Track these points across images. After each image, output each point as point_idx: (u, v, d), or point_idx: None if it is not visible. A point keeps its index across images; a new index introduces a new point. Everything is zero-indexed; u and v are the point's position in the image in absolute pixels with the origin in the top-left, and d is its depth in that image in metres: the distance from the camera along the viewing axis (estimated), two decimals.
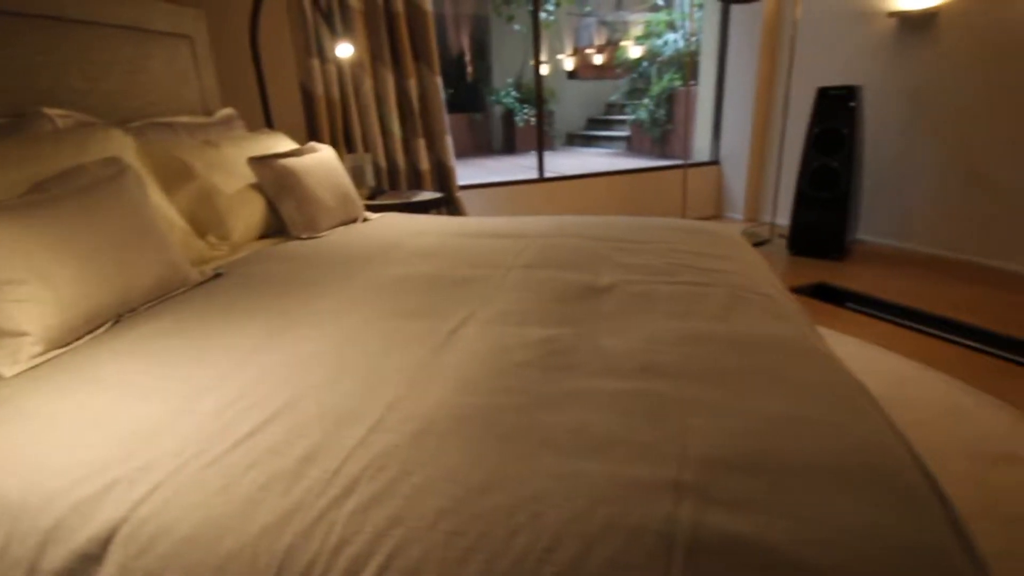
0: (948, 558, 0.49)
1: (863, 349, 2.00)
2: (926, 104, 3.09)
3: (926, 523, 0.52)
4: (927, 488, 0.58)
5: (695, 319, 0.89)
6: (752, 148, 4.14)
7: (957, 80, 2.93)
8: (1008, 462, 1.34)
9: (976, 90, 2.87)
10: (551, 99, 8.14)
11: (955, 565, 0.48)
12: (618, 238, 1.38)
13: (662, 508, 0.50)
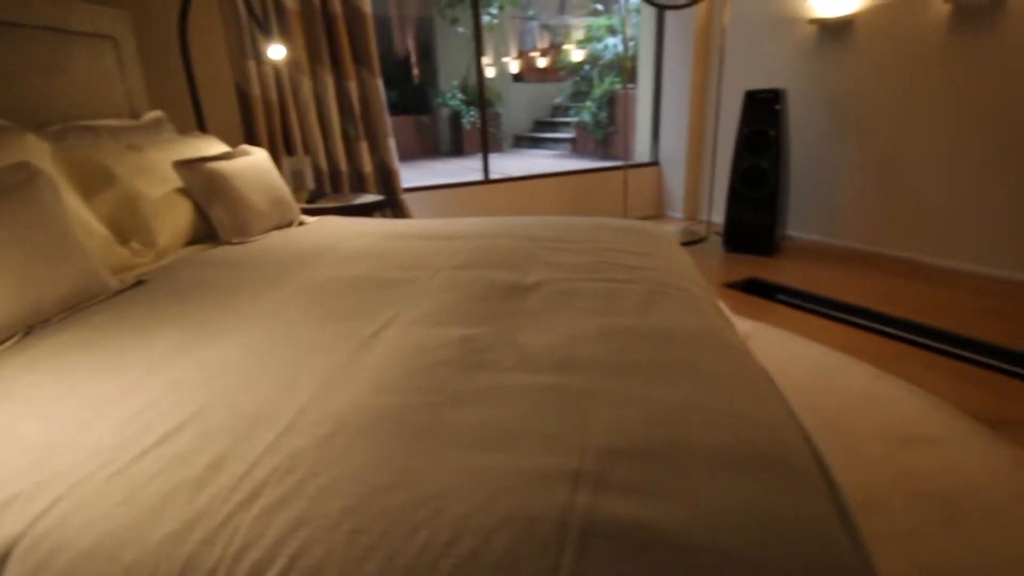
0: (828, 534, 0.52)
1: (790, 340, 2.11)
2: (845, 106, 3.28)
3: (810, 502, 0.55)
4: (816, 470, 0.62)
5: (614, 315, 0.93)
6: (689, 149, 4.29)
7: (872, 83, 3.13)
8: (918, 443, 1.45)
9: (889, 92, 3.07)
10: (497, 101, 8.20)
11: (834, 540, 0.52)
12: (551, 238, 1.41)
13: (559, 497, 0.52)
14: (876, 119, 3.14)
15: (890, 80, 3.04)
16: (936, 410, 1.60)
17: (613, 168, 4.32)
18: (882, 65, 3.06)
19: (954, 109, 2.81)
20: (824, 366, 1.88)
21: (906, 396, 1.68)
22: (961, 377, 1.83)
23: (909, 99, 2.98)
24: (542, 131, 8.44)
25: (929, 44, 2.85)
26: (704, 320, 0.92)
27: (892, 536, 1.14)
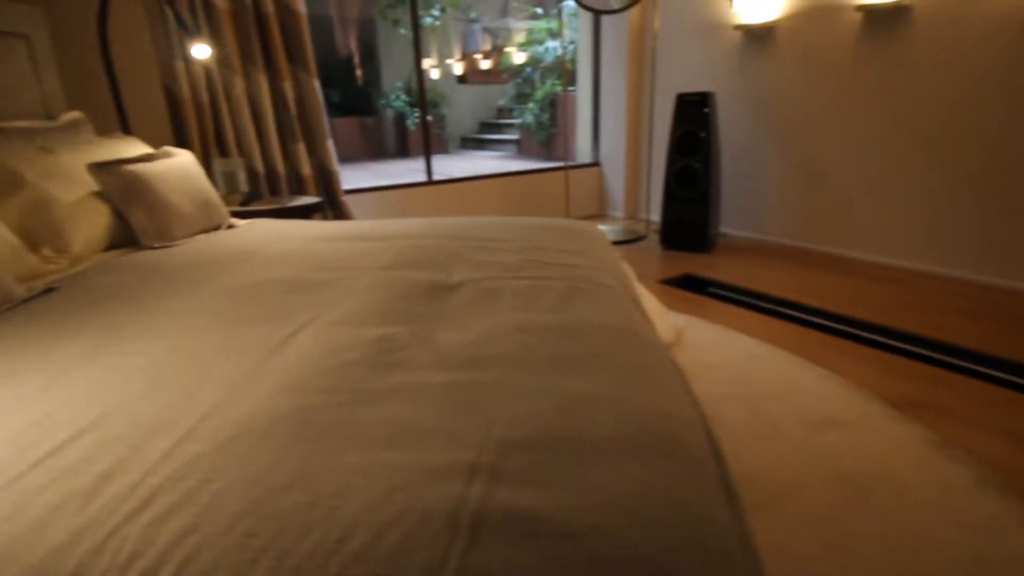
0: (711, 514, 0.55)
1: (721, 333, 2.20)
2: (770, 108, 3.44)
3: (698, 486, 0.58)
4: (709, 455, 0.65)
5: (533, 311, 0.95)
6: (627, 150, 4.40)
7: (794, 86, 3.30)
8: (834, 427, 1.54)
9: (810, 95, 3.24)
10: (442, 103, 8.17)
11: (717, 520, 0.54)
12: (480, 237, 1.42)
13: (453, 490, 0.54)
14: (799, 120, 3.31)
15: (810, 83, 3.21)
16: (852, 395, 1.70)
17: (554, 169, 4.38)
18: (802, 69, 3.23)
19: (869, 110, 3.00)
20: (752, 356, 1.97)
21: (825, 383, 1.78)
22: (876, 363, 1.95)
23: (828, 101, 3.15)
24: (488, 132, 8.48)
25: (844, 49, 3.03)
26: (620, 315, 0.95)
27: (808, 517, 1.20)
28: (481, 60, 8.02)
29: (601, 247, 1.45)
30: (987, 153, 2.61)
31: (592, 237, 1.52)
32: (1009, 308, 2.39)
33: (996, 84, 2.53)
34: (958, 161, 2.71)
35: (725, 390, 1.74)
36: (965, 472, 1.33)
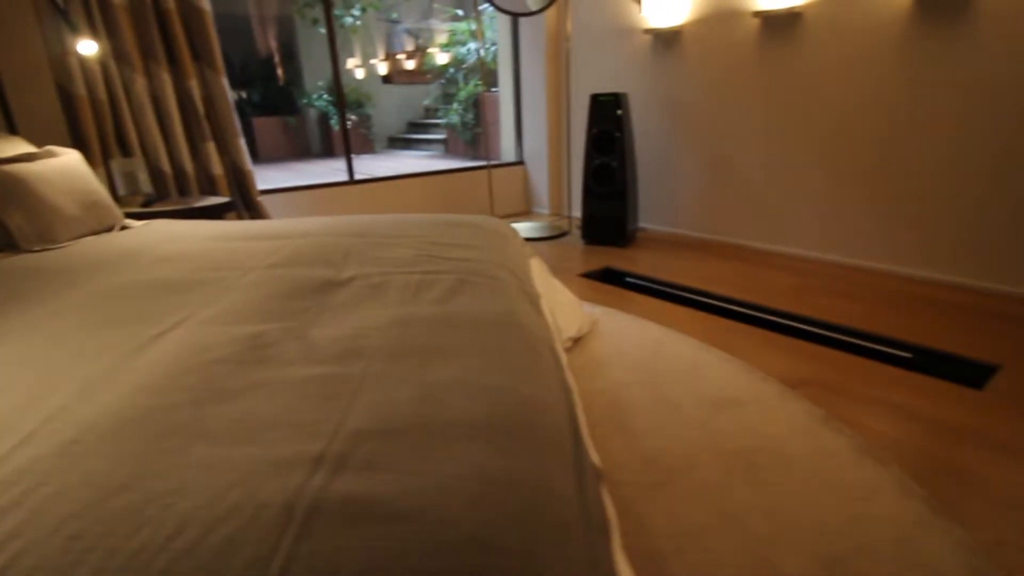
0: (553, 492, 0.56)
1: (633, 322, 2.27)
2: (678, 108, 3.60)
3: (545, 465, 0.59)
4: (567, 435, 0.67)
5: (417, 304, 0.95)
6: (549, 149, 4.48)
7: (700, 87, 3.47)
8: (730, 406, 1.63)
9: (714, 96, 3.42)
10: (367, 103, 8.02)
11: (559, 497, 0.56)
12: (382, 234, 1.41)
13: (293, 482, 0.54)
14: (706, 120, 3.49)
15: (715, 85, 3.38)
16: (749, 376, 1.81)
17: (478, 168, 4.40)
18: (707, 71, 3.40)
19: (768, 110, 3.20)
20: (659, 342, 2.05)
21: (725, 365, 1.88)
22: (772, 345, 2.08)
23: (731, 101, 3.34)
24: (415, 132, 8.40)
25: (744, 52, 3.21)
26: (504, 305, 0.96)
27: (702, 490, 1.27)
28: (405, 61, 7.93)
29: (500, 241, 1.46)
30: (872, 148, 2.84)
31: (492, 232, 1.54)
32: (889, 290, 2.61)
33: (880, 83, 2.76)
34: (846, 156, 2.93)
35: (633, 375, 1.81)
36: (846, 442, 1.45)
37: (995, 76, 2.40)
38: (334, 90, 7.78)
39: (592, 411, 1.60)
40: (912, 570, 1.03)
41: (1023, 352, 1.95)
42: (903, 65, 2.65)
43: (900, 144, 2.73)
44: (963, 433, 1.51)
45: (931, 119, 2.61)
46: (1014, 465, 1.37)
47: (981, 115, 2.47)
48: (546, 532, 0.51)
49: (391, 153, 8.15)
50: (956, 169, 2.58)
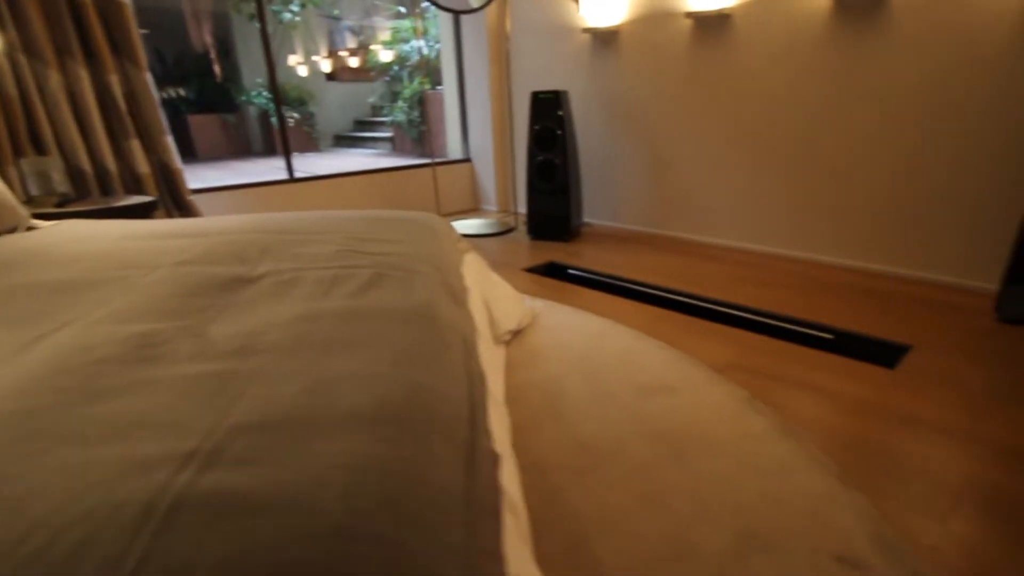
0: (430, 477, 0.56)
1: (573, 314, 2.30)
2: (619, 106, 3.67)
3: (427, 452, 0.59)
4: (463, 424, 0.67)
5: (327, 299, 0.93)
6: (495, 146, 4.48)
7: (638, 85, 3.54)
8: (661, 392, 1.67)
9: (651, 93, 3.50)
10: (310, 100, 7.83)
11: (436, 483, 0.56)
12: (306, 231, 1.38)
13: (157, 480, 0.52)
14: (645, 117, 3.57)
15: (652, 82, 3.46)
16: (680, 362, 1.86)
17: (423, 165, 4.37)
18: (645, 70, 3.48)
19: (702, 107, 3.29)
20: (597, 334, 2.08)
21: (658, 353, 1.92)
22: (704, 333, 2.15)
23: (668, 99, 3.42)
24: (362, 130, 8.26)
25: (679, 51, 3.30)
26: (419, 298, 0.96)
27: (628, 474, 1.30)
28: (349, 58, 7.78)
29: (428, 236, 1.45)
30: (795, 143, 2.97)
31: (422, 227, 1.52)
32: (813, 278, 2.73)
33: (801, 82, 2.89)
34: (772, 151, 3.06)
35: (570, 366, 1.83)
36: (766, 423, 1.51)
37: (906, 74, 2.55)
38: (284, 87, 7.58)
39: (528, 402, 1.61)
40: (820, 540, 1.08)
41: (932, 333, 2.08)
42: (823, 64, 2.78)
43: (820, 139, 2.87)
44: (875, 409, 1.60)
45: (848, 115, 2.75)
46: (920, 437, 1.46)
47: (893, 111, 2.61)
48: (420, 518, 0.51)
49: (337, 152, 7.98)
50: (873, 163, 2.73)
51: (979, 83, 2.37)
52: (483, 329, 1.61)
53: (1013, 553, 1.08)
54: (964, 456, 1.38)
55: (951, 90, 2.44)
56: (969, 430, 1.49)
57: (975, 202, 2.46)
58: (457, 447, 0.61)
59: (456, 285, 1.18)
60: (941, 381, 1.74)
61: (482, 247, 3.53)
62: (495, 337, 1.92)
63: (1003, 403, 1.60)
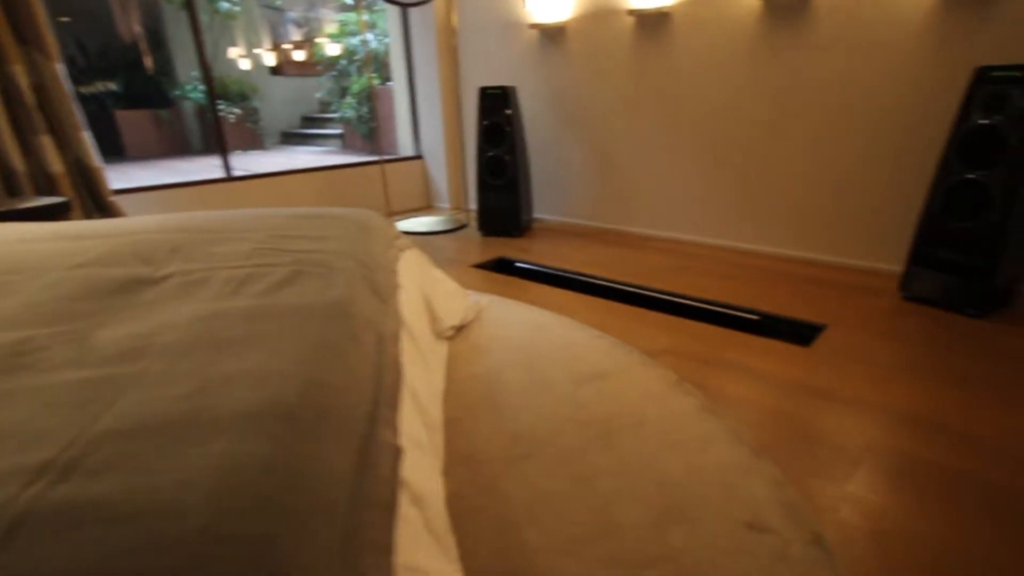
0: (312, 474, 0.56)
1: (518, 308, 2.35)
2: (566, 102, 3.73)
3: (314, 449, 0.58)
4: (362, 419, 0.67)
5: (236, 298, 0.92)
6: (446, 142, 4.49)
7: (583, 81, 3.62)
8: (596, 379, 1.74)
9: (596, 89, 3.58)
10: (253, 95, 7.60)
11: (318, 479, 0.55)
12: (228, 229, 1.35)
13: (2, 495, 0.50)
14: (591, 113, 3.64)
15: (597, 78, 3.54)
16: (617, 350, 1.93)
17: (372, 163, 4.33)
18: (590, 66, 3.55)
19: (647, 103, 3.39)
20: (539, 326, 2.14)
21: (596, 342, 1.99)
22: (641, 321, 2.24)
23: (613, 95, 3.50)
24: (311, 127, 8.07)
25: (623, 48, 3.38)
26: (335, 295, 0.96)
27: (561, 459, 1.35)
28: (293, 51, 7.56)
29: (359, 232, 1.45)
30: (732, 137, 3.10)
31: (353, 224, 1.52)
32: (747, 266, 2.87)
33: (737, 79, 3.01)
34: (712, 146, 3.18)
35: (511, 358, 1.88)
36: (692, 402, 1.59)
37: (823, 71, 2.70)
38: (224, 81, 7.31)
39: (468, 395, 1.65)
40: (733, 509, 1.16)
41: (844, 312, 2.23)
42: (752, 62, 2.91)
43: (748, 135, 3.01)
44: (791, 385, 1.71)
45: (772, 111, 2.89)
46: (829, 408, 1.58)
47: (812, 106, 2.76)
48: (298, 515, 0.51)
49: (284, 149, 7.77)
50: (793, 156, 2.88)
51: (886, 79, 2.53)
52: (422, 325, 1.64)
53: (906, 508, 1.19)
54: (867, 424, 1.50)
55: (861, 86, 2.60)
56: (872, 400, 1.61)
57: (883, 191, 2.64)
58: (350, 443, 0.61)
59: (383, 281, 1.20)
60: (850, 356, 1.88)
61: (433, 245, 3.55)
62: (437, 333, 1.96)
63: (904, 374, 1.75)
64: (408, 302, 1.48)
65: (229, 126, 7.23)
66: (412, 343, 1.22)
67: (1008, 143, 2.03)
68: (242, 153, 7.18)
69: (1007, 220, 2.06)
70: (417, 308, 1.65)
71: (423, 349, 1.37)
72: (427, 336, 1.66)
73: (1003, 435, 1.44)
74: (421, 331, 1.50)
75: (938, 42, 2.40)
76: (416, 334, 1.32)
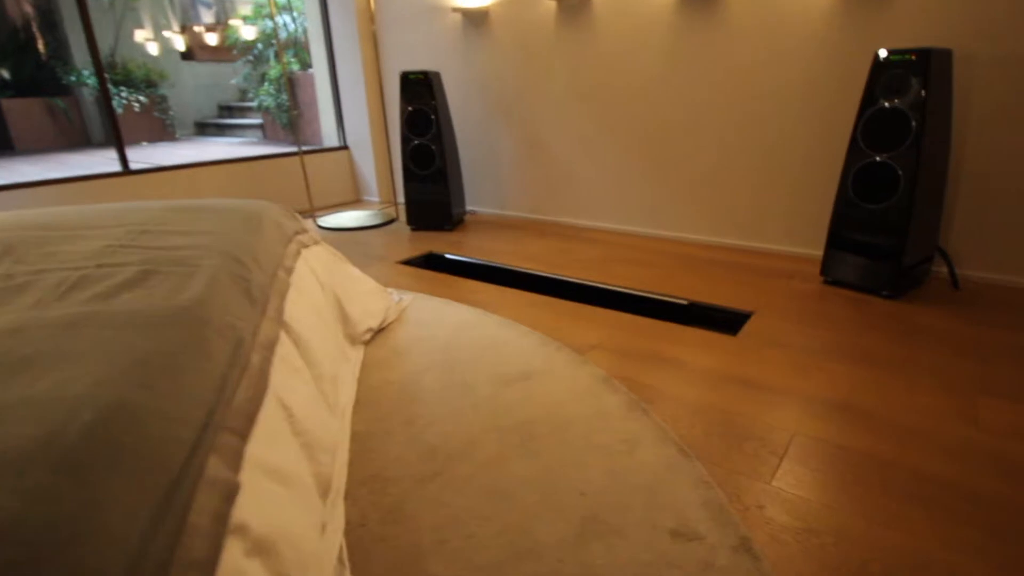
0: (118, 533, 0.46)
1: (442, 305, 2.23)
2: (494, 88, 3.61)
3: (110, 499, 0.48)
4: (178, 452, 0.55)
5: (57, 305, 0.76)
6: (373, 132, 4.28)
7: (509, 68, 3.50)
8: (521, 379, 1.64)
9: (522, 77, 3.47)
10: (162, 82, 7.02)
11: (121, 545, 0.46)
12: (85, 225, 1.16)
13: None
14: (519, 101, 3.54)
15: (522, 65, 3.43)
16: (545, 347, 1.85)
17: (291, 154, 4.06)
18: (514, 52, 3.44)
19: (571, 91, 3.31)
20: (463, 324, 2.03)
21: (524, 339, 1.90)
22: (575, 315, 2.16)
23: (539, 83, 3.41)
24: (230, 116, 7.56)
25: (546, 34, 3.29)
26: (187, 297, 0.82)
27: (475, 472, 1.24)
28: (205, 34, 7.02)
29: (244, 227, 1.28)
30: (653, 127, 3.07)
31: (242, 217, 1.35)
32: (678, 255, 2.86)
33: (659, 63, 2.98)
34: (636, 135, 3.14)
35: (431, 360, 1.76)
36: (619, 399, 1.52)
37: (744, 56, 2.70)
38: (123, 67, 6.71)
39: (381, 405, 1.51)
40: (657, 515, 1.09)
41: (769, 298, 2.24)
42: (675, 47, 2.89)
43: (672, 122, 2.99)
44: (718, 376, 1.68)
45: (694, 100, 2.88)
46: (757, 399, 1.55)
47: (741, 91, 2.77)
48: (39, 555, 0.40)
49: (199, 140, 7.23)
50: (715, 144, 2.88)
51: (798, 63, 2.56)
52: (325, 330, 1.49)
53: (833, 502, 1.16)
54: (792, 414, 1.47)
55: (775, 69, 2.63)
56: (797, 389, 1.59)
57: (802, 176, 2.68)
58: (152, 485, 0.50)
59: (260, 281, 1.04)
60: (775, 343, 1.87)
61: (359, 241, 3.36)
62: (351, 337, 1.81)
63: (826, 360, 1.75)
64: (305, 304, 1.33)
65: (133, 116, 6.66)
66: (298, 351, 1.08)
67: (911, 125, 2.08)
68: (149, 145, 6.63)
69: (912, 201, 2.11)
70: (319, 311, 1.50)
71: (319, 358, 1.22)
72: (332, 342, 1.51)
73: (927, 420, 1.45)
74: (322, 337, 1.35)
75: (845, 25, 2.44)
76: (309, 340, 1.17)
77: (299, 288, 1.30)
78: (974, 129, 2.30)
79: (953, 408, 1.49)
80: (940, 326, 1.98)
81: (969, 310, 2.11)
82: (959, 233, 2.43)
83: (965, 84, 2.27)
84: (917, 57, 2.07)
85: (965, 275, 2.42)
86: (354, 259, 2.93)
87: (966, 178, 2.37)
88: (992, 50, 2.20)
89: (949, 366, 1.71)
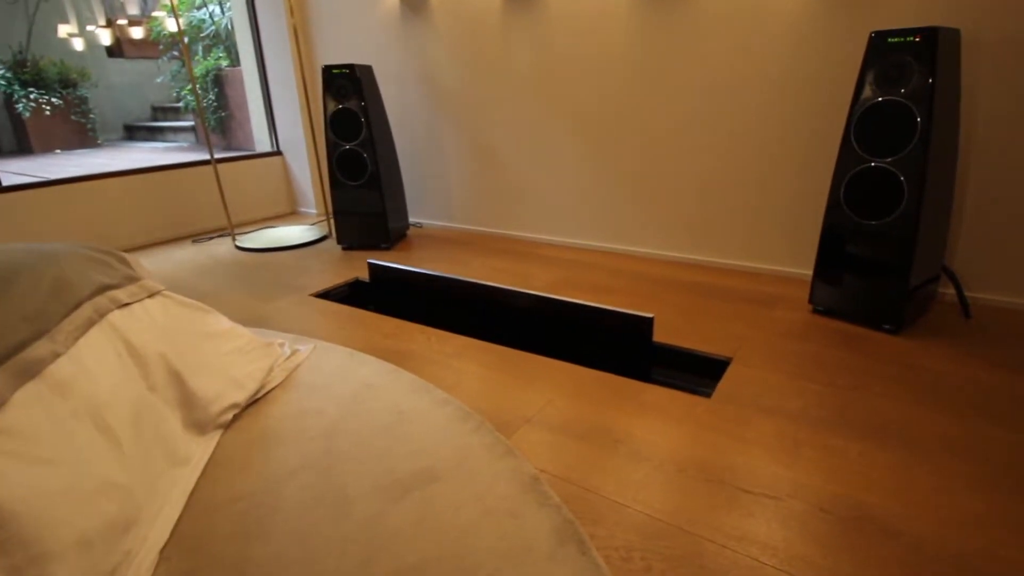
0: None
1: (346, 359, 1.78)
2: (436, 86, 3.17)
3: None
4: None
5: None
6: (307, 135, 3.82)
7: (452, 62, 3.06)
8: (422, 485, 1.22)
9: (468, 76, 3.03)
10: (83, 81, 6.36)
11: None
12: None
13: None
14: (464, 99, 3.10)
15: (467, 59, 3.00)
16: (462, 424, 1.42)
17: (204, 163, 3.55)
18: (458, 46, 3.01)
19: (523, 94, 2.88)
20: (366, 388, 1.59)
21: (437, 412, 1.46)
22: (512, 363, 1.73)
23: (486, 82, 2.97)
24: (163, 119, 6.95)
25: (492, 29, 2.86)
26: None
27: None
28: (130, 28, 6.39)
29: None
30: (625, 128, 2.65)
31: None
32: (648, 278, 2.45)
33: (624, 58, 2.56)
34: (594, 140, 2.73)
35: (307, 452, 1.31)
36: (549, 524, 1.10)
37: (719, 48, 2.30)
38: (34, 66, 6.02)
39: (207, 546, 1.02)
40: None
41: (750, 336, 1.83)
42: (642, 40, 2.48)
43: (648, 123, 2.58)
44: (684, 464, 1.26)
45: (674, 99, 2.47)
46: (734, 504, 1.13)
47: (719, 94, 2.37)
48: None
49: (126, 145, 6.61)
50: (689, 153, 2.48)
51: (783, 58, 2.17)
52: (148, 426, 1.05)
53: None
54: (779, 531, 1.07)
55: (756, 69, 2.23)
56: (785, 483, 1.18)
57: (792, 186, 2.29)
58: None
59: None
60: (757, 407, 1.44)
61: (278, 264, 2.89)
62: (198, 424, 1.35)
63: (821, 432, 1.34)
64: (90, 382, 0.88)
65: (45, 120, 6.01)
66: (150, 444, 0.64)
67: (916, 121, 1.69)
68: (63, 153, 5.98)
69: (919, 215, 1.73)
70: (122, 390, 1.05)
71: None
72: (138, 450, 1.06)
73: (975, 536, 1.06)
74: (165, 422, 0.91)
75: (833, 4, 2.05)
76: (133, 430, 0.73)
77: (83, 362, 0.86)
78: (982, 126, 1.93)
79: (1005, 511, 1.10)
80: (960, 374, 1.60)
81: (990, 349, 1.74)
82: (966, 250, 2.06)
83: (972, 72, 1.90)
84: (921, 38, 1.68)
85: (974, 298, 2.07)
86: (262, 290, 2.46)
87: (974, 184, 2.00)
88: (1002, 30, 1.83)
89: (986, 441, 1.32)
